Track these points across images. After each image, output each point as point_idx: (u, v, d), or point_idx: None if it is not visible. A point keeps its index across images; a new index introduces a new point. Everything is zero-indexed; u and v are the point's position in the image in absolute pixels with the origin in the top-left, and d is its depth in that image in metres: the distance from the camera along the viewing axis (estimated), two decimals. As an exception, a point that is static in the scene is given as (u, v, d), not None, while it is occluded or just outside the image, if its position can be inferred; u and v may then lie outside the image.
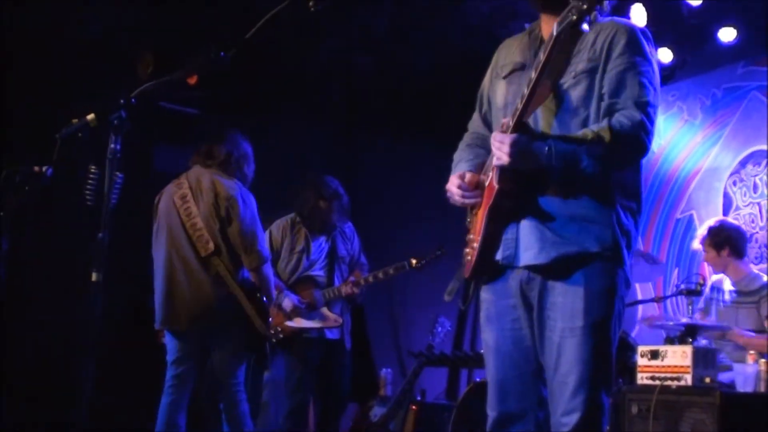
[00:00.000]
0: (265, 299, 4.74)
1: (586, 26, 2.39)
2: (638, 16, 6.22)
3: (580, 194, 2.64)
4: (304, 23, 5.61)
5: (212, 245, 4.65)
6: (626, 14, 6.18)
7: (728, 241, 5.53)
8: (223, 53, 2.71)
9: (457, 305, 2.90)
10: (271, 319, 4.86)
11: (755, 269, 5.69)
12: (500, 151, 2.57)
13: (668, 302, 6.60)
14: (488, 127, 2.98)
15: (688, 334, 4.82)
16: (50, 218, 5.71)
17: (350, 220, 5.85)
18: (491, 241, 2.71)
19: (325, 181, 5.69)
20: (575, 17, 2.38)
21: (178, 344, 4.73)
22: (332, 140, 7.70)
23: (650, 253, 6.44)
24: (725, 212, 6.56)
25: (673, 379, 4.46)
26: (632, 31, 2.72)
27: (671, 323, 5.12)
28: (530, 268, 2.68)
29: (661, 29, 6.43)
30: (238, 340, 4.70)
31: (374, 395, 6.62)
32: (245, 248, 4.66)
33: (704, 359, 4.47)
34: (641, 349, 4.68)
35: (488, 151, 2.72)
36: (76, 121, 2.70)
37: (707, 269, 5.91)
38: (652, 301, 6.32)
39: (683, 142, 7.06)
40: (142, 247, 5.01)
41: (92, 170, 2.81)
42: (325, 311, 5.57)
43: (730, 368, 4.96)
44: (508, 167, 2.58)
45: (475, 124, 3.08)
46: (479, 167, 2.84)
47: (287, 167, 6.73)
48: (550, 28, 2.63)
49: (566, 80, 2.69)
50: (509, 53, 2.95)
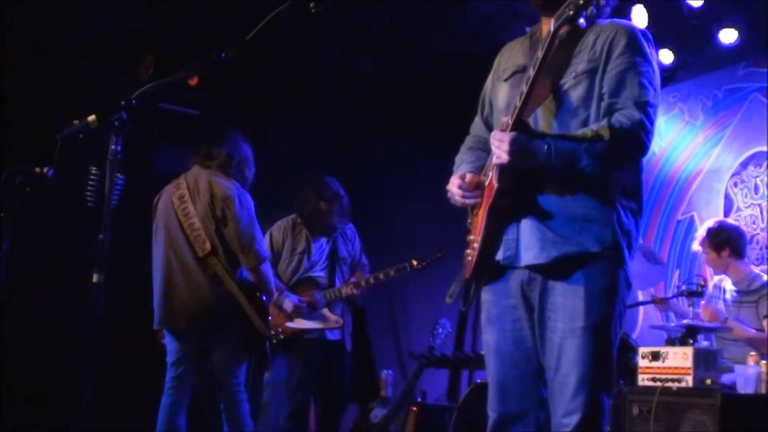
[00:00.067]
0: (264, 298, 4.74)
1: (582, 21, 2.40)
2: (639, 17, 6.23)
3: (580, 194, 2.64)
4: (304, 25, 5.60)
5: (209, 245, 4.65)
6: (627, 15, 6.18)
7: (728, 241, 5.53)
8: (223, 54, 2.71)
9: (458, 307, 2.90)
10: (270, 318, 4.85)
11: (756, 269, 5.69)
12: (499, 149, 2.57)
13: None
14: (490, 130, 2.97)
15: (689, 335, 4.82)
16: (51, 219, 5.72)
17: (351, 221, 5.85)
18: (491, 240, 2.71)
19: (326, 182, 5.69)
20: (572, 12, 2.40)
21: (177, 345, 4.73)
22: (333, 141, 7.70)
23: (652, 248, 6.42)
24: (726, 213, 6.56)
25: (674, 380, 4.46)
26: (632, 32, 2.73)
27: (672, 324, 5.12)
28: (531, 268, 2.68)
29: (662, 30, 6.43)
30: (237, 339, 4.69)
31: (375, 396, 6.61)
32: (242, 248, 4.66)
33: (705, 361, 4.47)
34: (642, 350, 4.68)
35: (489, 153, 2.72)
36: (77, 122, 2.70)
37: (708, 271, 5.91)
38: (652, 302, 6.31)
39: (684, 143, 7.06)
40: (143, 248, 5.01)
41: (93, 171, 2.80)
42: (325, 312, 5.57)
43: (731, 369, 4.96)
44: (507, 165, 2.58)
45: (476, 127, 3.08)
46: (480, 169, 2.85)
47: (288, 168, 6.73)
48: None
49: (566, 81, 2.70)
50: (511, 56, 2.96)
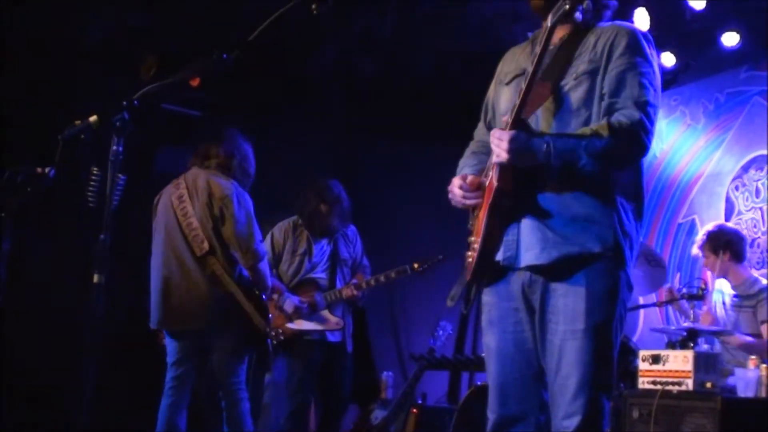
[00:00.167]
0: (263, 296, 4.75)
1: (578, 14, 2.42)
2: (641, 20, 6.23)
3: (581, 194, 2.65)
4: (306, 26, 5.61)
5: (207, 245, 4.66)
6: (629, 18, 6.18)
7: (728, 245, 5.52)
8: (225, 55, 2.71)
9: (458, 309, 2.89)
10: (271, 316, 4.85)
11: (755, 273, 5.68)
12: (499, 147, 2.58)
13: (670, 306, 6.59)
14: None
15: (689, 338, 4.81)
16: (52, 219, 5.71)
17: (352, 223, 5.84)
18: (492, 241, 2.71)
19: (327, 184, 5.68)
20: (568, 6, 2.42)
21: (177, 345, 4.73)
22: (333, 142, 7.69)
23: (653, 250, 6.42)
24: (727, 217, 6.55)
25: (674, 383, 4.45)
26: (633, 33, 2.74)
27: (673, 327, 5.12)
28: (532, 269, 2.68)
29: (664, 33, 6.43)
30: (237, 338, 4.69)
31: (375, 398, 6.61)
32: (241, 247, 4.66)
33: (705, 364, 4.46)
34: (642, 353, 4.67)
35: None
36: (78, 122, 2.70)
37: (708, 274, 5.90)
38: (653, 305, 6.31)
39: (686, 146, 7.06)
40: (143, 248, 5.01)
41: (94, 172, 2.80)
42: (326, 314, 5.57)
43: (731, 373, 4.95)
44: (506, 164, 2.59)
45: (480, 132, 3.10)
46: (483, 172, 2.85)
47: (289, 169, 6.73)
48: (554, 34, 2.65)
49: (567, 82, 2.71)
50: (512, 61, 2.98)
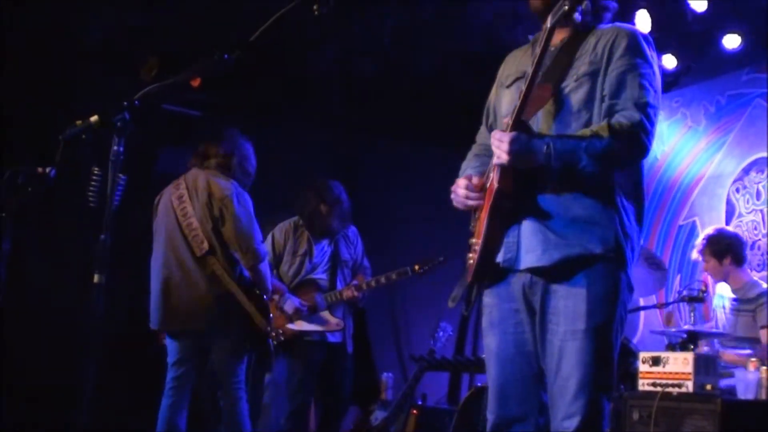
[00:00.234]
0: (266, 297, 4.75)
1: (578, 15, 2.43)
2: (643, 21, 6.23)
3: (582, 196, 2.65)
4: (307, 26, 5.61)
5: (207, 245, 4.65)
6: (631, 20, 6.17)
7: (730, 249, 5.52)
8: (226, 56, 2.71)
9: (459, 310, 2.90)
10: (271, 316, 4.85)
11: (755, 276, 5.68)
12: (499, 149, 2.58)
13: (670, 309, 6.59)
14: None
15: (689, 340, 4.81)
16: (53, 219, 5.71)
17: (352, 224, 5.84)
18: (492, 243, 2.71)
19: (328, 185, 5.68)
20: (567, 7, 2.42)
21: (177, 345, 4.73)
22: (334, 143, 7.69)
23: (654, 253, 6.42)
24: (728, 219, 6.56)
25: (674, 385, 4.45)
26: (633, 34, 2.74)
27: (673, 329, 5.12)
28: (532, 270, 2.68)
29: (665, 35, 6.43)
30: (237, 338, 4.69)
31: (375, 399, 6.61)
32: (241, 247, 4.66)
33: (705, 366, 4.46)
34: (642, 355, 4.67)
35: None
36: (79, 122, 2.70)
37: (709, 278, 5.90)
38: (654, 307, 6.31)
39: (687, 148, 7.06)
40: (144, 248, 5.01)
41: (95, 172, 2.80)
42: (326, 315, 5.56)
43: (731, 375, 4.95)
44: (507, 165, 2.59)
45: (482, 136, 3.10)
46: (485, 174, 2.85)
47: (289, 170, 6.73)
48: (554, 37, 2.64)
49: (568, 83, 2.71)
50: (513, 64, 2.99)
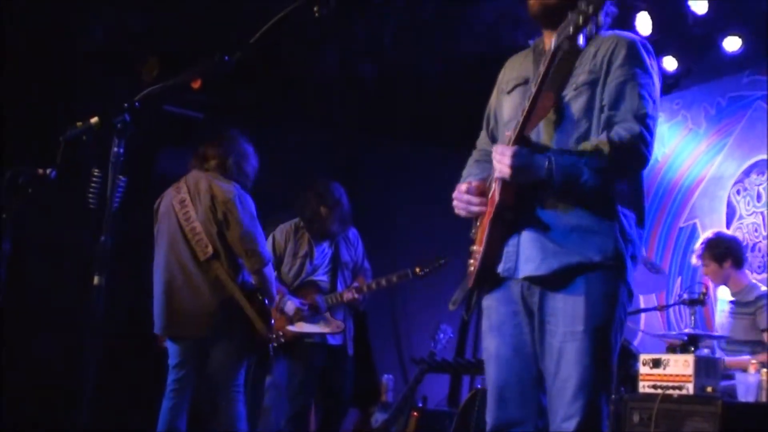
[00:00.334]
0: (267, 301, 4.74)
1: (582, 40, 2.41)
2: (643, 24, 6.23)
3: (581, 205, 2.64)
4: (308, 27, 5.61)
5: (211, 249, 4.64)
6: (632, 23, 6.18)
7: (729, 251, 5.52)
8: (227, 57, 2.71)
9: (459, 312, 2.90)
10: (273, 321, 4.85)
11: (753, 279, 5.68)
12: (501, 163, 2.59)
13: (670, 311, 6.60)
14: (495, 143, 2.99)
15: (690, 343, 4.81)
16: (53, 220, 5.71)
17: (352, 227, 5.83)
18: (493, 252, 2.73)
19: (329, 187, 5.67)
20: (572, 30, 2.40)
21: (178, 348, 4.72)
22: (335, 144, 7.69)
23: (653, 261, 6.42)
24: (729, 221, 6.56)
25: (674, 387, 4.45)
26: (632, 43, 2.73)
27: (674, 332, 5.12)
28: (531, 279, 2.68)
29: (666, 37, 6.44)
30: (238, 343, 4.68)
31: (376, 401, 6.60)
32: (246, 251, 4.64)
33: (706, 368, 4.46)
34: (643, 357, 4.67)
35: None
36: (80, 124, 2.70)
37: (710, 283, 5.89)
38: (654, 309, 6.31)
39: (687, 150, 7.06)
40: (144, 250, 5.01)
41: (95, 173, 2.80)
42: (327, 317, 5.56)
43: (732, 377, 4.95)
44: (508, 180, 2.60)
45: (482, 141, 3.10)
46: (486, 180, 2.85)
47: (290, 172, 6.72)
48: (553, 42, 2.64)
49: (568, 92, 2.71)
50: (513, 69, 2.98)
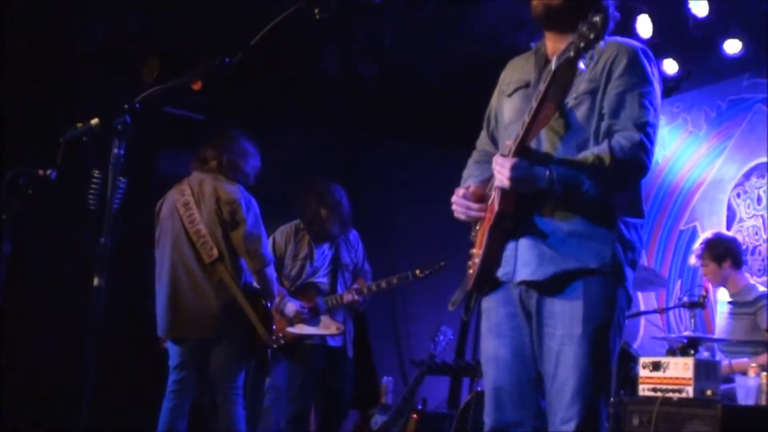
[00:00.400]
0: (269, 304, 4.74)
1: (582, 65, 2.42)
2: (644, 27, 6.23)
3: (579, 211, 2.64)
4: (308, 28, 5.61)
5: (216, 252, 4.65)
6: (633, 26, 6.18)
7: (729, 252, 5.53)
8: (227, 59, 2.71)
9: (459, 314, 2.90)
10: (273, 326, 4.85)
11: (751, 280, 5.68)
12: (501, 174, 2.59)
13: (670, 314, 6.59)
14: (495, 144, 3.01)
15: (690, 346, 4.81)
16: (53, 221, 5.71)
17: (352, 229, 5.83)
18: (491, 258, 2.74)
19: (329, 189, 5.67)
20: (572, 54, 2.41)
21: (180, 350, 4.72)
22: (335, 145, 7.69)
23: (652, 269, 6.44)
24: (729, 224, 6.55)
25: (674, 390, 4.45)
26: (634, 51, 2.72)
27: (673, 335, 5.12)
28: (527, 284, 2.68)
29: (666, 40, 6.44)
30: (239, 346, 4.69)
31: (375, 403, 6.60)
32: (249, 251, 4.66)
33: (706, 372, 4.46)
34: (643, 360, 4.67)
35: None
36: (80, 125, 2.70)
37: (709, 285, 5.89)
38: (654, 312, 6.31)
39: (688, 153, 7.05)
40: (144, 251, 5.01)
41: (95, 175, 2.80)
42: (327, 318, 5.56)
43: (732, 380, 4.95)
44: (508, 190, 2.60)
45: (482, 142, 3.10)
46: (486, 182, 2.85)
47: (290, 172, 6.72)
48: (555, 46, 2.65)
49: (569, 101, 2.70)
50: (515, 71, 2.97)
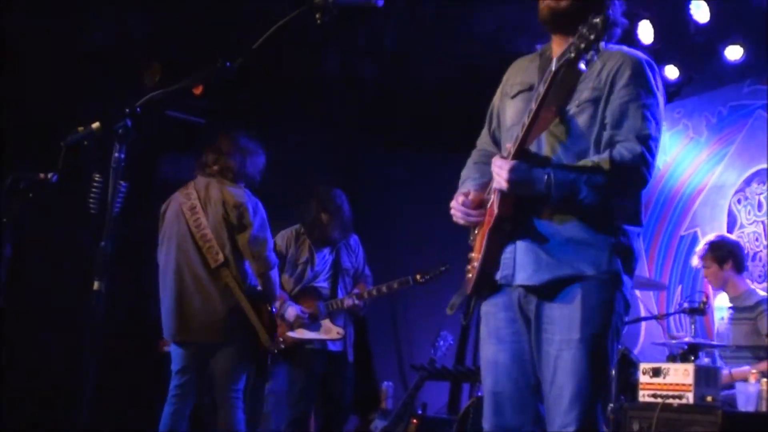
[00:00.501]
0: (274, 309, 4.75)
1: (583, 66, 2.42)
2: (645, 32, 6.23)
3: (578, 218, 2.64)
4: (309, 30, 5.61)
5: (221, 256, 4.66)
6: (634, 31, 6.18)
7: (731, 255, 5.52)
8: (228, 63, 2.71)
9: (459, 319, 2.90)
10: (277, 332, 4.85)
11: (752, 285, 5.67)
12: (499, 176, 2.60)
13: (671, 320, 6.59)
14: (496, 144, 3.00)
15: (690, 352, 4.80)
16: (53, 225, 5.72)
17: (353, 233, 5.82)
18: (491, 261, 2.74)
19: (330, 194, 5.67)
20: (573, 55, 2.41)
21: (183, 354, 4.73)
22: (335, 146, 7.69)
23: (651, 279, 6.46)
24: (729, 230, 6.55)
25: (674, 397, 4.44)
26: (638, 62, 2.71)
27: (674, 341, 5.11)
28: (525, 288, 2.69)
29: (667, 46, 6.44)
30: (242, 350, 4.69)
31: (375, 408, 6.60)
32: (254, 254, 4.67)
33: (706, 378, 4.45)
34: (643, 366, 4.66)
35: None
36: (81, 129, 2.71)
37: (710, 287, 5.89)
38: (654, 318, 6.30)
39: (688, 159, 7.05)
40: (145, 254, 5.01)
41: (96, 178, 2.80)
42: (327, 323, 5.56)
43: (732, 386, 4.94)
44: (506, 193, 2.60)
45: (483, 141, 3.10)
46: (485, 186, 2.85)
47: (290, 172, 6.72)
48: (560, 49, 2.64)
49: (571, 107, 2.70)
50: (518, 73, 2.97)
